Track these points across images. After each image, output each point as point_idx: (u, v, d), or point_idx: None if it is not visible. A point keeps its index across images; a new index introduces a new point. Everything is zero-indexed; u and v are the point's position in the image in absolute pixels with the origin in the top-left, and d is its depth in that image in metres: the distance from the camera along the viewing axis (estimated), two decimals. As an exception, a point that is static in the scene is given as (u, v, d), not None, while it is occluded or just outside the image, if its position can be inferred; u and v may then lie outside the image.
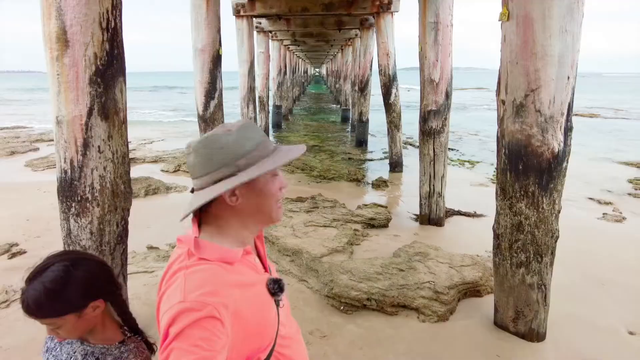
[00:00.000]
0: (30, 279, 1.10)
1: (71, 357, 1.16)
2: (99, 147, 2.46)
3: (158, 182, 7.56)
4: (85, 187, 2.50)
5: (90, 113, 2.36)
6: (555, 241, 2.85)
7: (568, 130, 2.62)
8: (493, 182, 8.03)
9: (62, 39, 2.20)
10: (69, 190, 2.52)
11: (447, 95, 4.95)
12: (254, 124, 1.06)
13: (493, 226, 3.07)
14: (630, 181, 7.89)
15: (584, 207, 6.39)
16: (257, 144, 1.01)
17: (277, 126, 15.32)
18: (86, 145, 2.42)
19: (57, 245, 4.80)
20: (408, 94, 34.70)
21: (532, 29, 2.45)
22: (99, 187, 2.54)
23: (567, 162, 2.71)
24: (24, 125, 17.95)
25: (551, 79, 2.48)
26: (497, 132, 2.86)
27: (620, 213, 6.13)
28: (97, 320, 1.18)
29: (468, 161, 9.97)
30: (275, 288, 1.04)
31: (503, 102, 2.74)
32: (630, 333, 3.27)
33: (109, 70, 2.36)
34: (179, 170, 8.87)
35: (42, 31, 2.25)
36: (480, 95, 38.69)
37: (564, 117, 2.57)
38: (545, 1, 2.40)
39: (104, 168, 2.52)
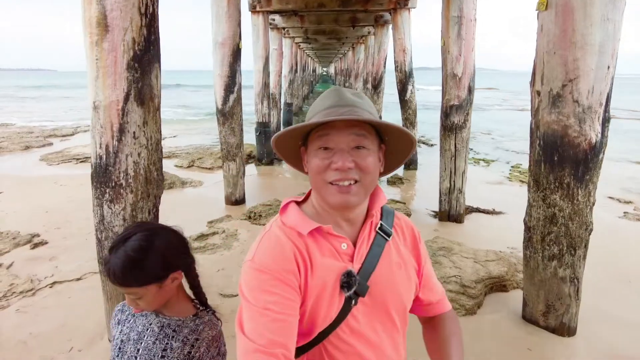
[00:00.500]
0: (113, 248, 1.11)
1: (147, 329, 1.16)
2: (134, 133, 2.46)
3: (173, 176, 7.59)
4: (119, 173, 2.50)
5: (127, 98, 2.36)
6: (589, 234, 2.81)
7: (606, 121, 2.59)
8: (510, 180, 7.97)
9: (102, 23, 2.20)
10: (104, 176, 2.53)
11: (470, 90, 4.92)
12: (358, 92, 0.98)
13: (524, 219, 3.03)
14: (649, 181, 7.80)
15: (604, 205, 6.31)
16: (331, 104, 0.92)
17: (287, 124, 15.31)
18: (122, 130, 2.42)
19: (78, 236, 4.88)
20: (418, 93, 34.45)
21: (572, 17, 2.41)
22: (132, 174, 2.54)
23: (604, 154, 2.67)
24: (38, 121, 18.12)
25: (591, 68, 2.44)
26: (531, 123, 2.83)
27: (642, 212, 6.06)
28: (173, 292, 1.18)
29: (483, 160, 9.91)
30: (344, 281, 0.92)
31: (538, 93, 2.71)
32: (660, 330, 3.22)
33: (146, 55, 2.36)
34: (192, 165, 8.92)
35: (81, 16, 2.25)
36: (491, 95, 38.44)
37: (602, 107, 2.54)
38: (586, -11, 2.36)
39: (138, 154, 2.52)
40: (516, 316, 3.25)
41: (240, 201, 6.18)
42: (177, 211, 5.77)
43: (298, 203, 1.03)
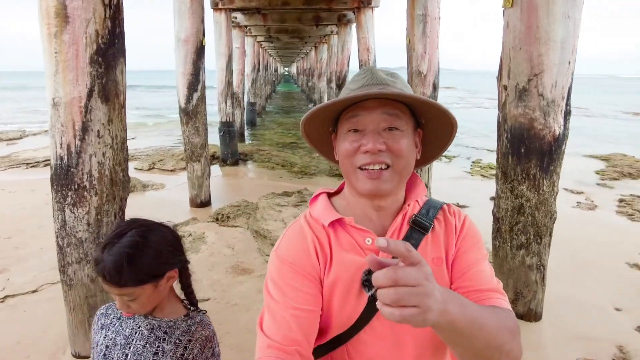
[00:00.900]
0: (107, 246, 1.03)
1: (136, 332, 1.09)
2: (98, 131, 2.32)
3: (134, 179, 7.28)
4: (82, 174, 2.36)
5: (90, 95, 2.22)
6: (554, 222, 2.94)
7: (567, 113, 2.71)
8: (471, 175, 8.25)
9: (61, 13, 2.06)
10: (65, 178, 2.37)
11: (435, 88, 5.03)
12: (392, 72, 0.90)
13: (493, 210, 3.13)
14: (597, 172, 8.31)
15: (560, 196, 6.66)
16: (363, 83, 0.85)
17: (251, 123, 15.12)
18: (85, 129, 2.28)
19: (31, 245, 4.58)
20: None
21: (537, 14, 2.51)
22: (97, 175, 2.40)
23: (565, 145, 2.80)
24: (-22, 123, 16.88)
25: (554, 63, 2.55)
26: (498, 117, 2.92)
27: (592, 201, 6.44)
28: (166, 293, 1.12)
29: (445, 156, 10.20)
30: (364, 280, 0.84)
31: (505, 88, 2.80)
32: (617, 309, 3.43)
33: (110, 49, 2.23)
34: (153, 167, 8.61)
35: (38, 5, 2.10)
36: (450, 94, 39.69)
37: (564, 101, 2.66)
38: (548, -13, 2.47)
39: (103, 154, 2.39)
40: (487, 305, 3.35)
41: (206, 203, 6.02)
42: (139, 215, 5.49)
43: (330, 195, 0.97)
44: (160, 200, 6.53)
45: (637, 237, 5.02)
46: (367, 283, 0.84)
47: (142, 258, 1.04)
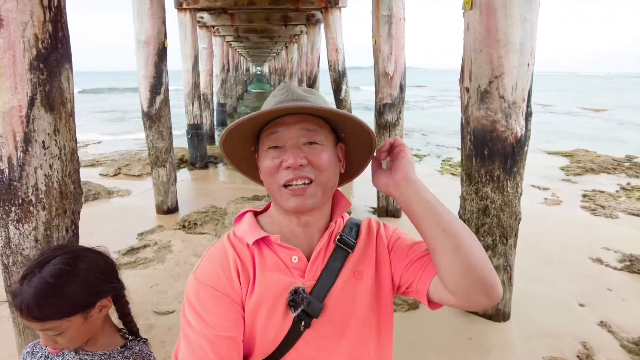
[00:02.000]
0: (26, 277, 0.93)
1: None
2: (43, 142, 2.17)
3: (98, 186, 7.03)
4: (27, 188, 2.20)
5: (32, 103, 2.07)
6: (519, 223, 2.96)
7: (528, 115, 2.74)
8: (441, 174, 8.35)
9: (-6, 17, 1.91)
10: (8, 193, 2.20)
11: (402, 89, 5.04)
12: (309, 89, 0.91)
13: (458, 212, 3.13)
14: (562, 168, 8.56)
15: (527, 193, 6.80)
16: (280, 100, 0.85)
17: (222, 124, 14.86)
18: (28, 140, 2.12)
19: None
20: (360, 93, 34.82)
21: (495, 17, 2.52)
22: (44, 188, 2.25)
23: (528, 147, 2.83)
24: None
25: (513, 65, 2.56)
26: (462, 119, 2.92)
27: (558, 197, 6.62)
28: (99, 324, 1.02)
29: (416, 155, 10.29)
30: (290, 300, 0.82)
31: (467, 90, 2.80)
32: (581, 305, 3.51)
33: (53, 54, 2.08)
34: (119, 173, 8.32)
35: (-32, 8, 1.93)
36: (419, 93, 40.26)
37: (525, 102, 2.68)
38: (505, -10, 2.47)
39: (50, 166, 2.24)
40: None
41: (173, 210, 5.84)
42: (104, 224, 5.32)
43: (257, 213, 0.95)
44: (126, 207, 6.30)
45: (599, 232, 5.17)
46: (292, 303, 0.82)
47: (66, 288, 0.95)
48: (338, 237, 0.91)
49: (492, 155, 2.76)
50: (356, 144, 0.92)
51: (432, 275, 0.86)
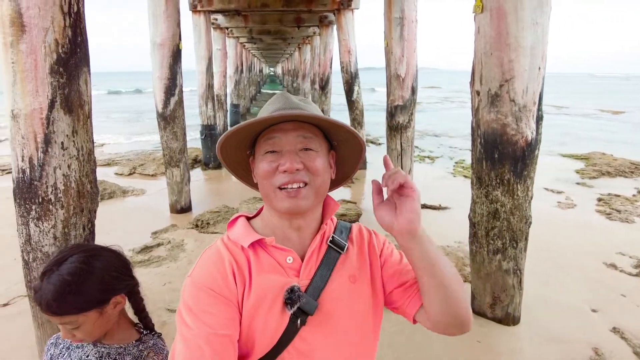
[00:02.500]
0: (45, 274, 1.00)
1: None
2: (62, 143, 2.25)
3: (113, 185, 7.17)
4: (47, 187, 2.28)
5: (52, 106, 2.15)
6: (529, 227, 2.95)
7: (539, 119, 2.73)
8: (454, 176, 8.30)
9: (17, 22, 1.99)
10: (28, 192, 2.29)
11: (413, 91, 5.04)
12: (305, 98, 0.96)
13: (469, 215, 3.13)
14: (577, 171, 8.43)
15: (540, 196, 6.74)
16: (277, 108, 0.89)
17: (235, 125, 15.00)
18: (48, 141, 2.21)
19: (4, 256, 4.44)
20: (373, 94, 34.58)
21: (506, 20, 2.52)
22: (63, 188, 2.33)
23: (539, 150, 2.81)
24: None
25: (524, 69, 2.56)
26: (472, 122, 2.92)
27: (572, 200, 6.53)
28: (115, 319, 1.08)
29: (428, 157, 10.25)
30: (286, 298, 0.86)
31: (478, 93, 2.80)
32: (593, 310, 3.47)
33: (72, 58, 2.16)
34: (134, 172, 8.47)
35: (-7, 14, 2.02)
36: (433, 95, 39.98)
37: (536, 106, 2.67)
38: (517, -7, 2.47)
39: (69, 166, 2.32)
40: (465, 309, 3.36)
41: (186, 209, 5.93)
42: (119, 223, 5.43)
43: (249, 218, 0.99)
44: (140, 206, 6.42)
45: (614, 237, 5.09)
46: (289, 301, 0.86)
47: (83, 285, 1.01)
48: (330, 238, 0.96)
49: (502, 158, 2.76)
50: (347, 152, 0.97)
51: (420, 304, 0.93)
